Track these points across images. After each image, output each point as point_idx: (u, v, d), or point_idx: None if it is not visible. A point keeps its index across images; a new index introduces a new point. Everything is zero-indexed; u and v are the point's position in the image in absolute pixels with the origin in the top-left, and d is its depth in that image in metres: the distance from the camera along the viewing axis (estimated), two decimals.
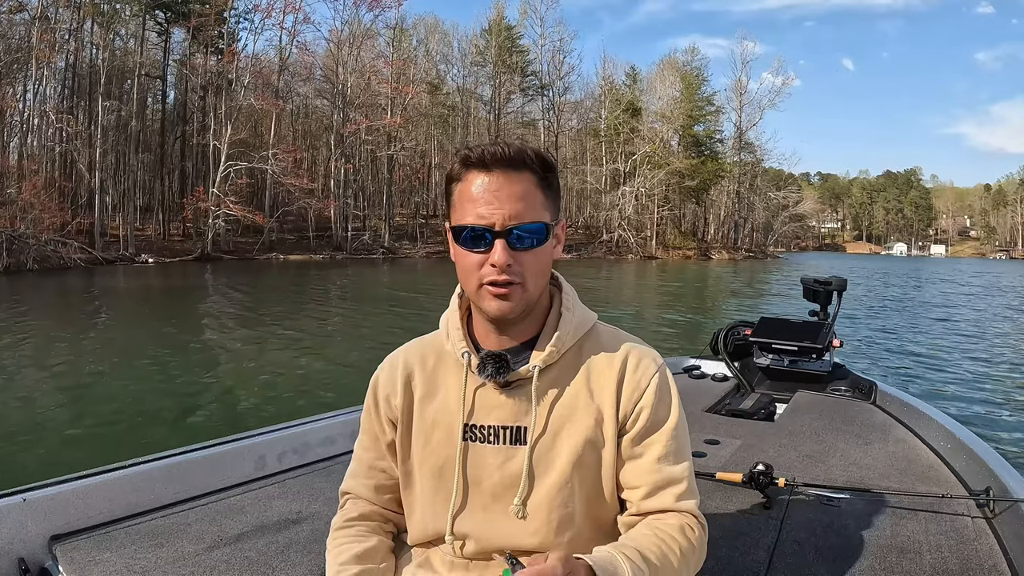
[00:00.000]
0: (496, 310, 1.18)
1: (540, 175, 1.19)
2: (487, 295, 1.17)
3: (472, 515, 1.25)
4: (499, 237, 1.14)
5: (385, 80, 51.61)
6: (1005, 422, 7.98)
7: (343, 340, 13.39)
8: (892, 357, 12.66)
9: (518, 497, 1.22)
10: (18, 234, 29.63)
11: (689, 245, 67.22)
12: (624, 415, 1.24)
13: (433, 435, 1.27)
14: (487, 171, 1.16)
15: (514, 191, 1.15)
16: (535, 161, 1.18)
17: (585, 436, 1.23)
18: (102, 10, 40.61)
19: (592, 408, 1.24)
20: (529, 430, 1.22)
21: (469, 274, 1.18)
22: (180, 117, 48.41)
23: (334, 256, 45.89)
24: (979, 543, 2.11)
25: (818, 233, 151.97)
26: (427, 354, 1.34)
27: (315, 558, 1.99)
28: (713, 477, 2.58)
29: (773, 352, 4.40)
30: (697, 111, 68.24)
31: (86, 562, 1.88)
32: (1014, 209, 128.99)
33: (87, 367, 10.03)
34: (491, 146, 1.17)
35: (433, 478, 1.27)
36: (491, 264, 1.15)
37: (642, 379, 1.25)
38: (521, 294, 1.18)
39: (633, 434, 1.24)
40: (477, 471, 1.25)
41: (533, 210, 1.17)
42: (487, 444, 1.24)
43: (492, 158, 1.15)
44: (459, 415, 1.25)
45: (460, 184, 1.19)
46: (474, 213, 1.15)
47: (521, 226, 1.15)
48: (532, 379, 1.22)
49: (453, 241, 1.20)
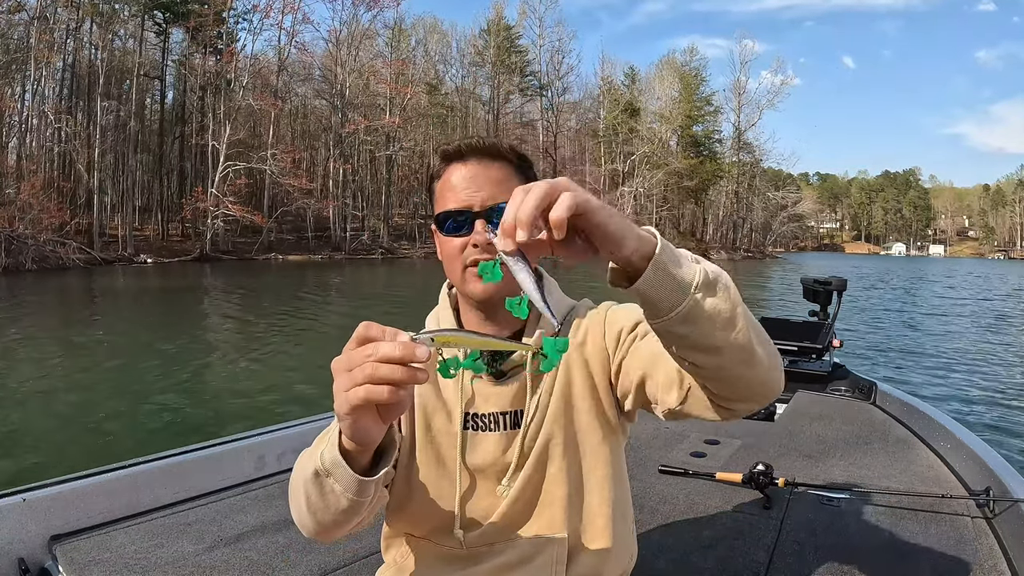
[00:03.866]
0: (482, 291, 1.17)
1: (516, 164, 1.21)
2: (471, 277, 1.17)
3: (478, 501, 1.25)
4: (479, 217, 1.15)
5: (384, 80, 51.63)
6: (1005, 422, 7.98)
7: (339, 341, 13.36)
8: (892, 357, 12.67)
9: (507, 478, 1.23)
10: (17, 234, 29.62)
11: (688, 245, 66.54)
12: (609, 353, 1.24)
13: (433, 421, 1.27)
14: (463, 161, 1.19)
15: (491, 176, 1.18)
16: (510, 152, 1.21)
17: (582, 407, 1.25)
18: (101, 10, 40.59)
19: (584, 375, 1.25)
20: (524, 413, 1.23)
21: (453, 260, 1.19)
22: (179, 117, 48.34)
23: (333, 256, 45.88)
24: (979, 543, 2.11)
25: (817, 233, 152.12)
26: None
27: (315, 558, 2.00)
28: (713, 477, 2.59)
29: None
30: (696, 111, 68.34)
31: (86, 562, 1.88)
32: (1013, 209, 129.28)
33: (84, 367, 10.01)
34: (466, 138, 1.20)
35: (435, 466, 1.26)
36: (472, 244, 1.16)
37: (609, 316, 1.26)
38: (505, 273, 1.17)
39: (623, 352, 1.22)
40: (478, 459, 1.24)
41: (510, 191, 1.15)
42: (488, 432, 1.25)
43: (468, 148, 1.19)
44: (458, 404, 1.25)
45: (441, 180, 1.21)
46: (454, 199, 1.17)
47: (499, 205, 1.14)
48: (526, 364, 1.20)
49: (437, 232, 1.22)
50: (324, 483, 0.97)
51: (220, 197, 40.71)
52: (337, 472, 0.95)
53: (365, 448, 0.93)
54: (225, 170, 41.54)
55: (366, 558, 2.00)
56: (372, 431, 0.87)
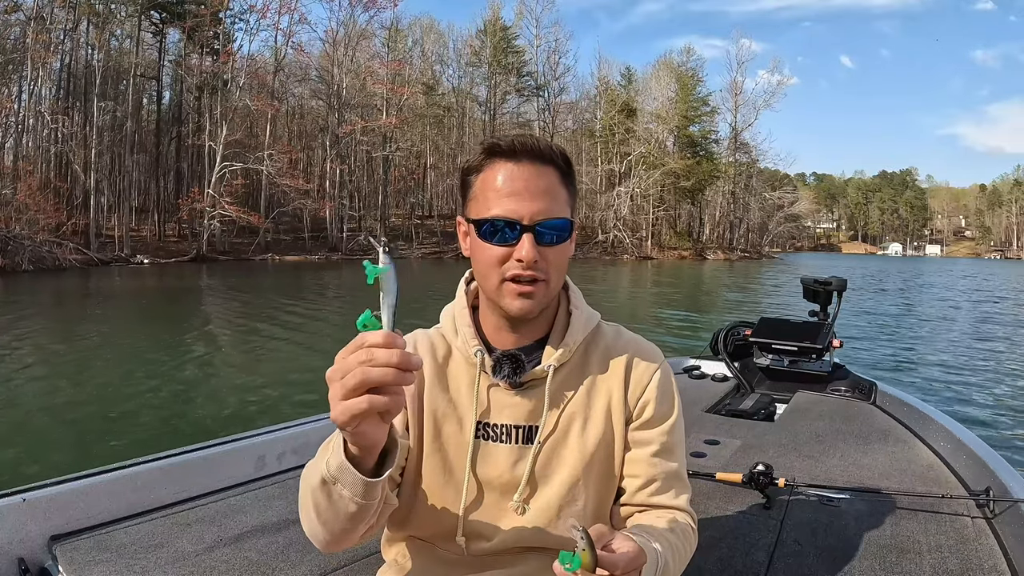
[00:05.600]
0: (519, 309, 1.14)
1: (564, 171, 1.16)
2: (510, 292, 1.14)
3: (483, 513, 1.23)
4: (527, 231, 1.10)
5: (380, 81, 51.54)
6: (1005, 422, 7.98)
7: (337, 341, 13.35)
8: (891, 357, 12.68)
9: (518, 494, 1.20)
10: (13, 235, 29.53)
11: (685, 246, 67.32)
12: (631, 408, 1.24)
13: (444, 428, 1.24)
14: (516, 161, 1.12)
15: (541, 185, 1.12)
16: (560, 157, 1.15)
17: (596, 433, 1.22)
18: (97, 11, 40.54)
19: (602, 404, 1.24)
20: (540, 430, 1.21)
21: (490, 269, 1.14)
22: (175, 118, 48.29)
23: (329, 257, 45.78)
24: (979, 543, 2.11)
25: (813, 233, 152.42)
26: (436, 346, 1.29)
27: (315, 558, 1.99)
28: (713, 477, 2.58)
29: (773, 352, 4.41)
30: (692, 111, 68.36)
31: (86, 562, 1.88)
32: (1009, 209, 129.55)
33: (81, 368, 9.99)
34: (519, 137, 1.14)
35: (442, 473, 1.24)
36: (517, 259, 1.11)
37: (645, 373, 1.25)
38: (544, 291, 1.15)
39: (637, 426, 1.24)
40: (488, 470, 1.22)
41: (559, 205, 1.13)
42: (500, 443, 1.22)
43: (522, 148, 1.12)
44: (471, 412, 1.22)
45: (482, 174, 1.15)
46: (501, 205, 1.11)
47: (548, 221, 1.11)
48: (547, 379, 1.20)
49: (474, 234, 1.15)
50: (332, 490, 0.97)
51: (217, 198, 40.64)
52: (344, 477, 0.94)
53: (370, 450, 0.93)
54: (222, 170, 41.49)
55: (366, 558, 2.00)
56: (375, 433, 0.89)
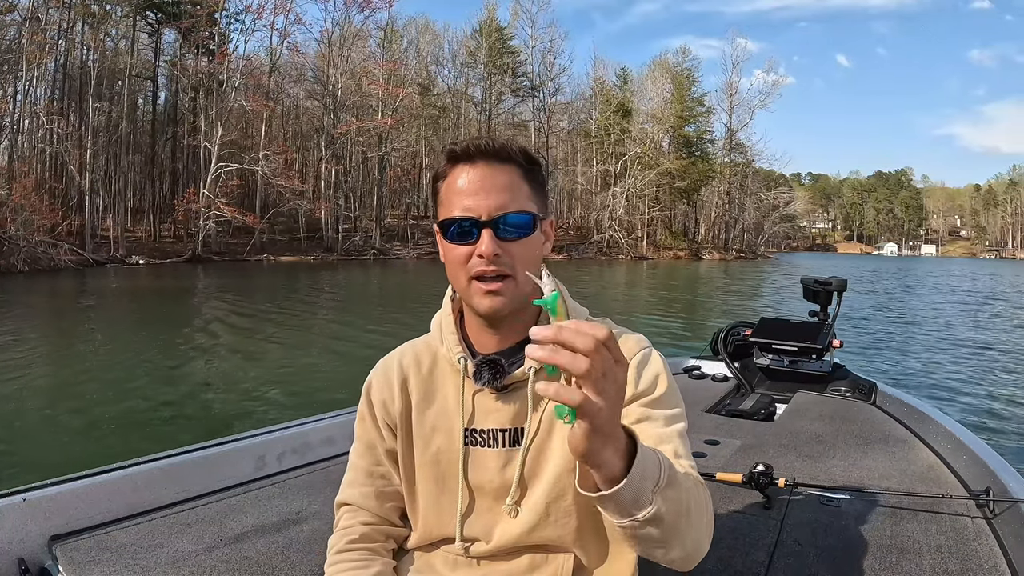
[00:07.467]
0: (488, 307, 1.15)
1: (525, 167, 1.18)
2: (477, 291, 1.15)
3: (478, 518, 1.24)
4: (486, 227, 1.12)
5: (376, 81, 51.52)
6: (1005, 422, 7.99)
7: (329, 342, 13.36)
8: (891, 357, 12.69)
9: (510, 497, 1.21)
10: (8, 235, 29.50)
11: (680, 246, 67.39)
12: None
13: (433, 440, 1.26)
14: (472, 163, 1.15)
15: (499, 182, 1.14)
16: (519, 154, 1.17)
17: None
18: (93, 11, 40.47)
19: None
20: (526, 431, 1.21)
21: (457, 269, 1.17)
22: (171, 118, 48.28)
23: (325, 257, 45.80)
24: (979, 543, 2.11)
25: (809, 233, 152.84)
26: (421, 358, 1.31)
27: (315, 558, 1.98)
28: (713, 477, 2.58)
29: (773, 352, 4.41)
30: (688, 112, 68.50)
31: (86, 562, 1.87)
32: (1004, 209, 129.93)
33: (77, 369, 9.96)
34: (475, 139, 1.16)
35: (436, 483, 1.26)
36: (478, 255, 1.13)
37: (635, 365, 1.20)
38: (513, 288, 1.15)
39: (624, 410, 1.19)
40: (479, 474, 1.23)
41: (519, 201, 1.15)
42: (487, 448, 1.23)
43: (476, 150, 1.15)
44: (459, 420, 1.23)
45: (446, 180, 1.18)
46: (460, 206, 1.14)
47: (507, 215, 1.13)
48: (528, 381, 1.19)
49: (441, 237, 1.19)
50: None
51: (212, 198, 40.62)
52: None
53: None
54: (217, 171, 41.48)
55: None
56: None
